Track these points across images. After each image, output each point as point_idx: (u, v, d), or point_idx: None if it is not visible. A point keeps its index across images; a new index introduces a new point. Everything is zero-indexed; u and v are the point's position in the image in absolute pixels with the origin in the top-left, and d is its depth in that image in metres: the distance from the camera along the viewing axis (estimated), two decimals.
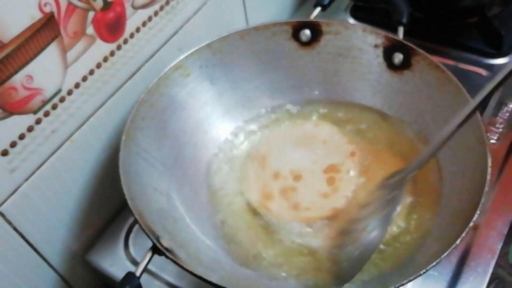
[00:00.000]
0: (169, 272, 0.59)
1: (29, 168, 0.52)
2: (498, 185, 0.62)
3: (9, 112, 0.48)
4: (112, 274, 0.60)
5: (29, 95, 0.49)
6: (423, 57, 0.60)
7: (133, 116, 0.57)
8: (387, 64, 0.63)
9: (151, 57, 0.62)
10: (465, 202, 0.50)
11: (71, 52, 0.51)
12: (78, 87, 0.54)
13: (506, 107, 0.69)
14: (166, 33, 0.63)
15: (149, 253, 0.47)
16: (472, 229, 0.53)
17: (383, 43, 0.62)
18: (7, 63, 0.45)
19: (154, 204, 0.54)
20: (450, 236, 0.47)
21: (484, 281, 0.55)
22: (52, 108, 0.52)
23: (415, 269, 0.46)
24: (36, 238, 0.56)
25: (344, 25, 0.64)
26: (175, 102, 0.62)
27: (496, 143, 0.65)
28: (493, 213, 0.59)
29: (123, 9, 0.55)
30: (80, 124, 0.56)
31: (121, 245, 0.62)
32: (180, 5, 0.63)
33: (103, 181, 0.62)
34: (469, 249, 0.57)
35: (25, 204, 0.53)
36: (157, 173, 0.58)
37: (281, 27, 0.65)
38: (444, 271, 0.56)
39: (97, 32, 0.53)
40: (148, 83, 0.59)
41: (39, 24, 0.47)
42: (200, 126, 0.65)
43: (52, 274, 0.60)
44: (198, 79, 0.64)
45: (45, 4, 0.47)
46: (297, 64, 0.67)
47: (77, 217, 0.61)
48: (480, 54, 0.76)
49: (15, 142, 0.49)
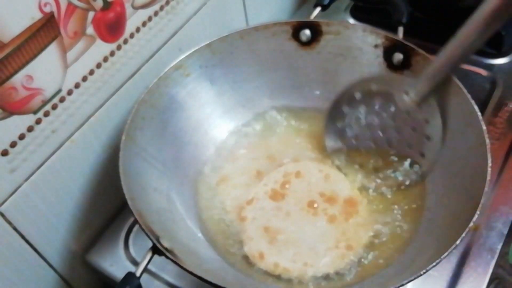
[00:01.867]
0: (169, 272, 0.59)
1: (29, 168, 0.52)
2: (498, 185, 0.62)
3: (9, 112, 0.48)
4: (112, 274, 0.60)
5: (29, 95, 0.49)
6: (423, 57, 0.60)
7: (133, 116, 0.57)
8: (387, 64, 0.63)
9: (151, 57, 0.62)
10: (465, 202, 0.50)
11: (71, 52, 0.51)
12: (78, 87, 0.54)
13: (506, 107, 0.69)
14: (166, 33, 0.63)
15: (149, 253, 0.47)
16: (472, 229, 0.53)
17: (383, 43, 0.62)
18: (7, 63, 0.45)
19: (154, 204, 0.54)
20: (450, 236, 0.47)
21: (484, 281, 0.55)
22: (52, 108, 0.52)
23: (415, 269, 0.46)
24: (36, 238, 0.56)
25: (344, 25, 0.64)
26: (175, 102, 0.62)
27: (496, 143, 0.65)
28: (493, 213, 0.59)
29: (123, 9, 0.55)
30: (80, 124, 0.56)
31: (121, 245, 0.62)
32: (180, 5, 0.63)
33: (103, 181, 0.62)
34: (469, 249, 0.57)
35: (25, 204, 0.53)
36: (157, 173, 0.58)
37: (281, 27, 0.65)
38: (444, 271, 0.56)
39: (97, 32, 0.53)
40: (148, 83, 0.59)
41: (39, 24, 0.47)
42: (200, 126, 0.65)
43: (52, 274, 0.60)
44: (198, 79, 0.64)
45: (45, 4, 0.47)
46: (297, 64, 0.67)
47: (77, 217, 0.61)
48: (480, 54, 0.76)
49: (15, 142, 0.49)
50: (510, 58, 0.76)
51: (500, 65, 0.75)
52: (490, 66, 0.75)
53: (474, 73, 0.74)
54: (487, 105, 0.69)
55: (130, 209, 0.49)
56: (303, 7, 0.90)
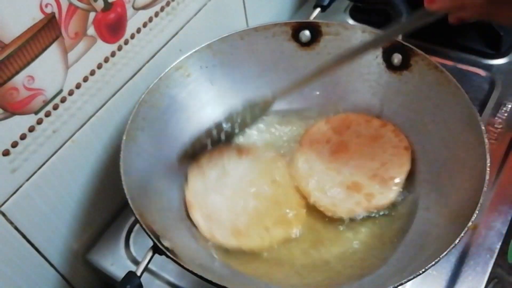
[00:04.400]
0: (169, 271, 0.59)
1: (31, 168, 0.52)
2: (497, 185, 0.62)
3: (11, 112, 0.48)
4: (113, 273, 0.60)
5: (30, 95, 0.49)
6: (422, 58, 0.60)
7: (133, 117, 0.57)
8: (386, 64, 0.63)
9: (152, 57, 0.62)
10: (464, 201, 0.50)
11: (72, 53, 0.52)
12: (79, 88, 0.54)
13: (504, 107, 0.69)
14: (167, 33, 0.63)
15: (149, 252, 0.48)
16: (471, 228, 0.53)
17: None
18: (8, 63, 0.46)
19: (154, 204, 0.55)
20: (449, 236, 0.47)
21: (483, 281, 0.55)
22: (53, 108, 0.52)
23: (414, 268, 0.47)
24: (37, 238, 0.56)
25: (343, 26, 0.65)
26: (175, 103, 0.62)
27: (494, 143, 0.66)
28: (492, 212, 0.59)
29: (124, 10, 0.56)
30: (81, 124, 0.56)
31: (122, 244, 0.62)
32: (181, 6, 0.63)
33: (104, 181, 0.62)
34: (468, 249, 0.57)
35: (26, 204, 0.53)
36: (158, 173, 0.58)
37: (281, 28, 0.65)
38: (443, 271, 0.56)
39: (98, 33, 0.54)
40: (148, 84, 0.60)
41: (40, 24, 0.47)
42: (201, 127, 0.65)
43: (53, 273, 0.60)
44: (198, 80, 0.64)
45: (46, 5, 0.47)
46: (297, 65, 0.67)
47: (78, 217, 0.61)
48: (479, 55, 0.76)
49: (16, 142, 0.50)
50: (508, 58, 0.76)
51: (498, 65, 0.75)
52: (489, 67, 0.75)
53: (473, 73, 0.74)
54: (486, 105, 0.70)
55: (131, 208, 0.49)
56: (302, 8, 0.90)
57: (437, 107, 0.59)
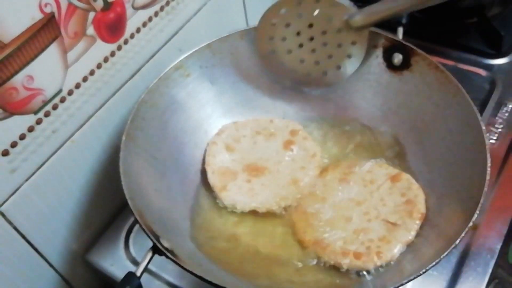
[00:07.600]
0: (169, 272, 0.59)
1: (30, 168, 0.52)
2: (498, 185, 0.62)
3: (10, 112, 0.48)
4: (112, 274, 0.60)
5: (29, 95, 0.49)
6: (423, 58, 0.60)
7: (133, 117, 0.57)
8: (387, 64, 0.63)
9: (152, 57, 0.62)
10: (464, 202, 0.50)
11: (72, 53, 0.51)
12: (78, 88, 0.54)
13: (505, 107, 0.69)
14: (166, 33, 0.63)
15: (149, 253, 0.47)
16: (471, 229, 0.53)
17: (383, 43, 0.62)
18: (7, 63, 0.45)
19: (154, 204, 0.54)
20: (450, 236, 0.47)
21: (483, 281, 0.55)
22: (53, 108, 0.52)
23: (414, 268, 0.47)
24: (37, 238, 0.56)
25: None
26: (175, 103, 0.62)
27: (495, 143, 0.66)
28: (493, 213, 0.59)
29: (123, 10, 0.55)
30: (81, 124, 0.56)
31: (122, 245, 0.62)
32: (180, 5, 0.63)
33: (103, 181, 0.62)
34: (469, 249, 0.57)
35: (25, 204, 0.53)
36: (158, 173, 0.58)
37: None
38: (444, 271, 0.56)
39: (98, 33, 0.54)
40: (148, 84, 0.59)
41: (39, 24, 0.47)
42: (200, 127, 0.65)
43: (52, 273, 0.60)
44: (198, 80, 0.64)
45: (46, 5, 0.47)
46: None
47: (78, 217, 0.61)
48: (479, 55, 0.76)
49: (15, 142, 0.49)
50: (509, 58, 0.76)
51: (499, 65, 0.75)
52: (490, 67, 0.75)
53: (473, 73, 0.74)
54: (487, 105, 0.70)
55: (131, 209, 0.49)
56: None
57: (437, 107, 0.59)
